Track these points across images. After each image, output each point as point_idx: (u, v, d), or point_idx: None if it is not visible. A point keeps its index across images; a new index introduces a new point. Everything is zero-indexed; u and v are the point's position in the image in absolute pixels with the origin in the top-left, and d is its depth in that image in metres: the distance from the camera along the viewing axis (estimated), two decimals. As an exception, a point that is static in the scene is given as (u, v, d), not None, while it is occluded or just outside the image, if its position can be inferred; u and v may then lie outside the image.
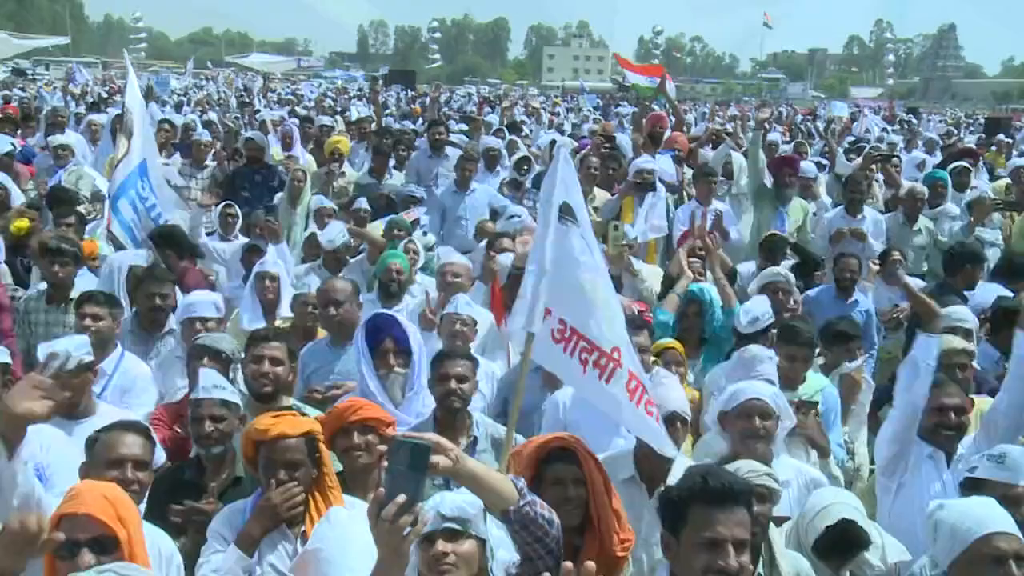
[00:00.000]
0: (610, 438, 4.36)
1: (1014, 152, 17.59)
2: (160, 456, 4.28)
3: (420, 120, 21.67)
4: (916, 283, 8.24)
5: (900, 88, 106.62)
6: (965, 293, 7.06)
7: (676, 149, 11.23)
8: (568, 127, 20.44)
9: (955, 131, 29.36)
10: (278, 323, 6.53)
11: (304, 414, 3.88)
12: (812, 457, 4.70)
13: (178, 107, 21.11)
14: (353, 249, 8.22)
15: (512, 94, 47.45)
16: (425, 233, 8.57)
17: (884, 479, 4.24)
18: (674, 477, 3.74)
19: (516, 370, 5.44)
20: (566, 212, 3.65)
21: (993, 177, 12.57)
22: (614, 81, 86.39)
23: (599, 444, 3.93)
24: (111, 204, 7.29)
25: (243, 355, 4.77)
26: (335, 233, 7.88)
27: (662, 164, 9.87)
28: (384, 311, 4.78)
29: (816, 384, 5.33)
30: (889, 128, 22.78)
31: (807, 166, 10.02)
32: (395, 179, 10.75)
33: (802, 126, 23.99)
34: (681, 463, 3.79)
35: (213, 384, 4.06)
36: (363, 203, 9.46)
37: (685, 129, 13.33)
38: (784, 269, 6.87)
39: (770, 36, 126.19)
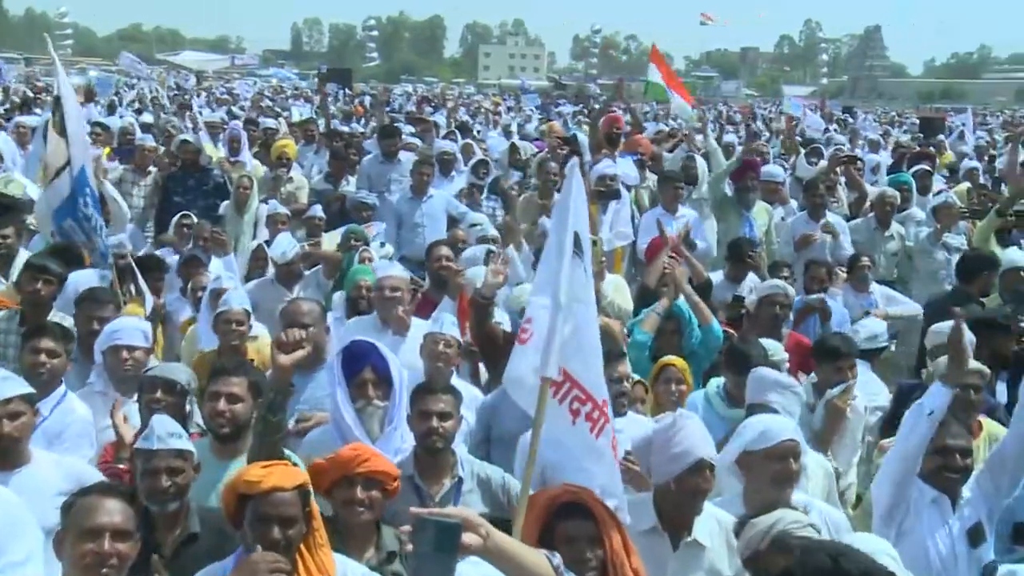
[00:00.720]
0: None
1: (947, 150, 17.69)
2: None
3: (363, 120, 21.24)
4: (887, 291, 8.16)
5: (831, 87, 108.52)
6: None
7: (639, 152, 11.03)
8: (515, 127, 20.15)
9: (891, 130, 29.85)
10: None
11: (295, 463, 3.50)
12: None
13: (110, 108, 20.16)
14: (309, 260, 7.80)
15: (450, 92, 47.06)
16: (383, 244, 8.20)
17: (882, 527, 3.96)
18: (699, 527, 3.47)
19: (499, 395, 5.14)
20: (575, 243, 3.31)
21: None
22: (550, 79, 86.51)
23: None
24: (55, 219, 6.72)
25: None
26: (286, 245, 7.48)
27: (623, 168, 9.64)
28: (364, 338, 4.38)
29: None
30: (831, 128, 22.90)
31: (775, 170, 9.87)
32: (348, 185, 10.33)
33: (743, 125, 24.03)
34: (707, 510, 3.49)
35: (168, 432, 3.59)
36: (317, 211, 9.07)
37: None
38: (784, 283, 6.60)
39: (703, 35, 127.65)
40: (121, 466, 4.07)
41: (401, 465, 4.08)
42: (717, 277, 7.64)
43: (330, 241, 8.10)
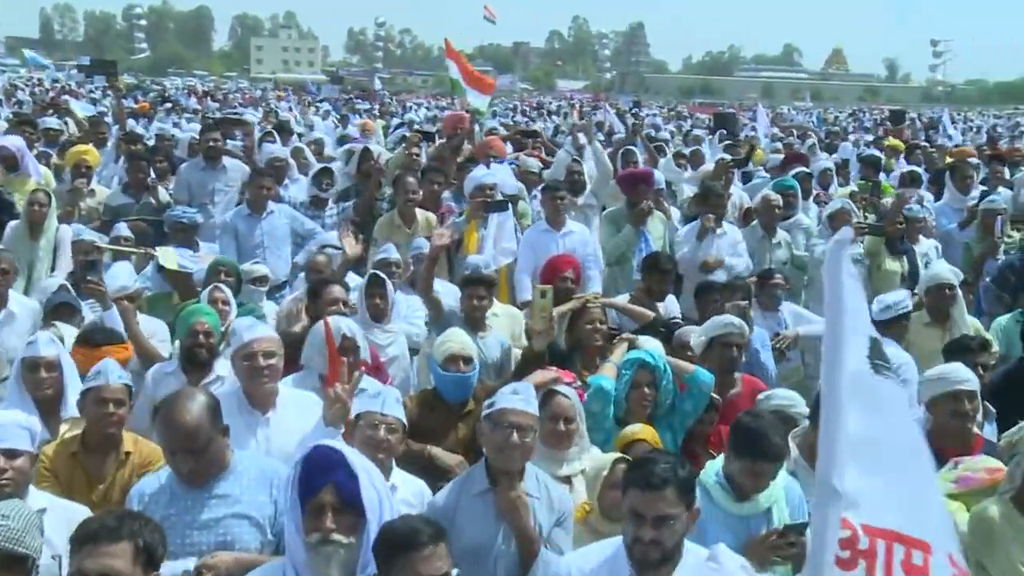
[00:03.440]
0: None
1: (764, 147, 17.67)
2: None
3: (147, 119, 19.07)
4: (794, 309, 7.49)
5: (602, 82, 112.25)
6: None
7: (492, 155, 9.94)
8: (321, 127, 18.58)
9: (684, 125, 30.37)
10: (64, 427, 4.60)
11: None
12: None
13: None
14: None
15: (224, 86, 44.52)
16: (257, 262, 6.72)
17: None
18: None
19: (454, 495, 3.89)
20: (877, 356, 2.06)
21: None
22: (326, 73, 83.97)
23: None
24: None
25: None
26: (126, 277, 5.92)
27: (502, 175, 8.57)
28: (325, 443, 3.02)
29: (779, 485, 3.94)
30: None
31: (656, 175, 9.02)
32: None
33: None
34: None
35: None
36: (123, 230, 7.43)
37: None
38: (737, 319, 5.63)
39: (477, 29, 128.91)
40: None
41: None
42: (626, 297, 6.78)
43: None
